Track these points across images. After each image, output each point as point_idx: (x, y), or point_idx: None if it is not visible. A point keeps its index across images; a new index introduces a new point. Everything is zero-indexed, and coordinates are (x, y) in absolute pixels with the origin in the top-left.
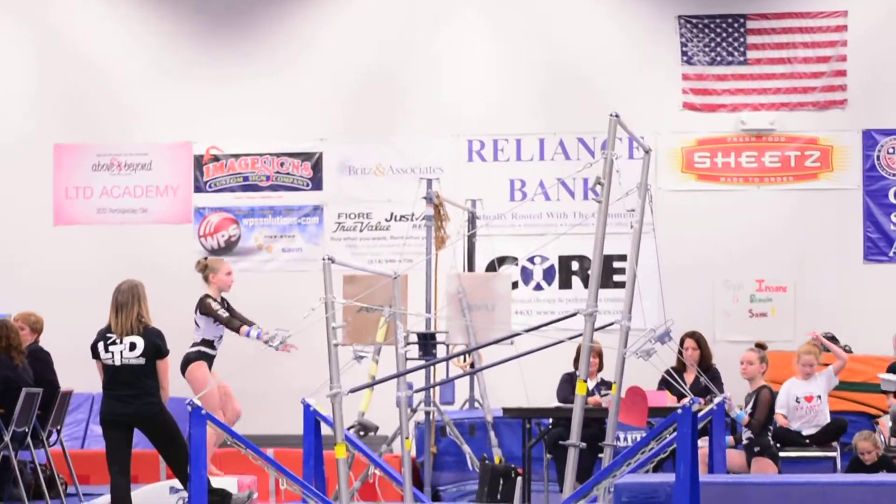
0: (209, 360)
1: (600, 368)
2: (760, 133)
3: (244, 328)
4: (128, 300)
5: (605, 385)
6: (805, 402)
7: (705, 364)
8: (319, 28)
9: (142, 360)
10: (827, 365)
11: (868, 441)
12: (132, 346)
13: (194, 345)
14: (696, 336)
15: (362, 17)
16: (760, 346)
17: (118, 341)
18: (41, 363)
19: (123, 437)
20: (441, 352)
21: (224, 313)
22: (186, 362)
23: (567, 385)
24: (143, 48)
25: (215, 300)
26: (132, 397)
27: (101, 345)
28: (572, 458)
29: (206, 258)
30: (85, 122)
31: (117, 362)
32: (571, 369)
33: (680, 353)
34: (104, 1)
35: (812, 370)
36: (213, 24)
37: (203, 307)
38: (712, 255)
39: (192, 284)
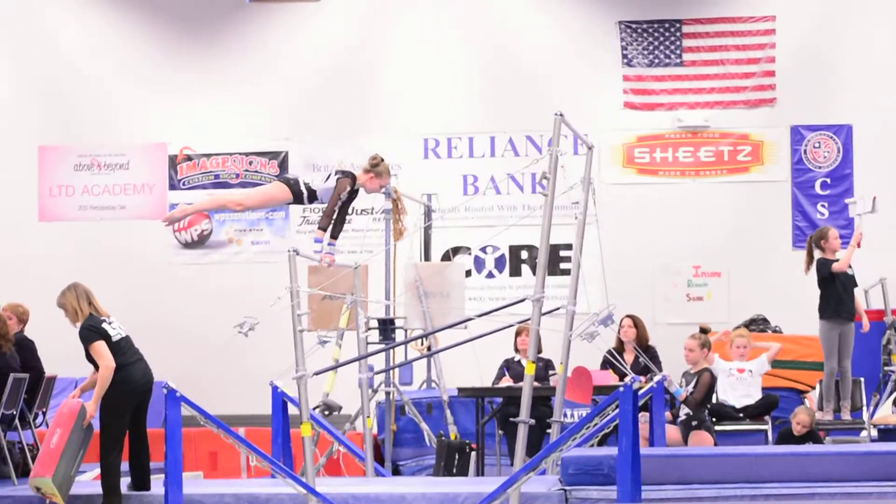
0: None
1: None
2: (696, 130)
3: None
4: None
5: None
6: (737, 373)
7: (643, 344)
8: (285, 35)
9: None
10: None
11: (808, 415)
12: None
13: None
14: (633, 317)
15: (325, 26)
16: (704, 331)
17: (107, 321)
18: (27, 351)
19: None
20: (400, 336)
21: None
22: None
23: (500, 372)
24: (120, 56)
25: None
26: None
27: (104, 325)
28: (522, 433)
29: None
30: (67, 126)
31: (123, 333)
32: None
33: (618, 331)
34: (84, 13)
35: (745, 351)
36: (185, 31)
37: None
38: (652, 244)
39: (167, 274)
